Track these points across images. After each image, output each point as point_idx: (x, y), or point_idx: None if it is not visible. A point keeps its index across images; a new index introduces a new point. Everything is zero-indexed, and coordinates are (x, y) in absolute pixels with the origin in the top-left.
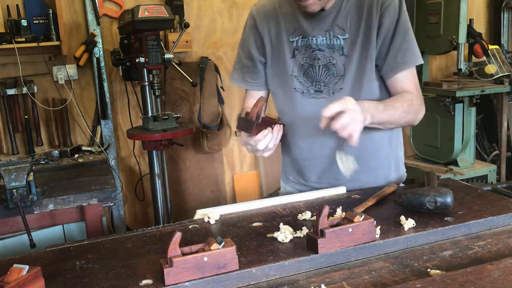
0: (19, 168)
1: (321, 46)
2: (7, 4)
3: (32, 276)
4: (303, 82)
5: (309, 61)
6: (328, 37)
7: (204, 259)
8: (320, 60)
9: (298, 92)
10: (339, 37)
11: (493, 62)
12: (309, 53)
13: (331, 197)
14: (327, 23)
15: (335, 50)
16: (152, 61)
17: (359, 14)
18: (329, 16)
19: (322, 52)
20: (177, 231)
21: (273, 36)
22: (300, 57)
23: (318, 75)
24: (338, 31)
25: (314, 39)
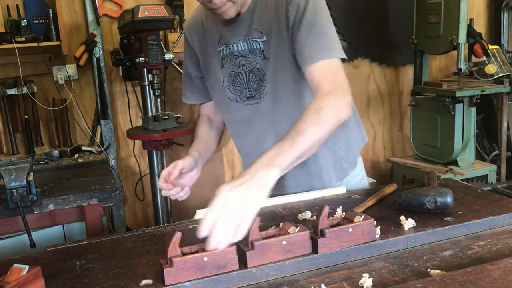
0: (19, 168)
1: (242, 52)
2: (7, 4)
3: (32, 276)
4: (234, 91)
5: (235, 69)
6: (248, 42)
7: (204, 259)
8: (245, 66)
9: (233, 101)
10: (258, 40)
11: (493, 62)
12: (234, 61)
13: (331, 197)
14: (244, 28)
15: (256, 54)
16: (152, 61)
17: (270, 14)
18: (246, 20)
19: (246, 57)
20: (177, 231)
21: (202, 49)
22: (227, 66)
23: (246, 82)
24: (256, 34)
25: (235, 45)
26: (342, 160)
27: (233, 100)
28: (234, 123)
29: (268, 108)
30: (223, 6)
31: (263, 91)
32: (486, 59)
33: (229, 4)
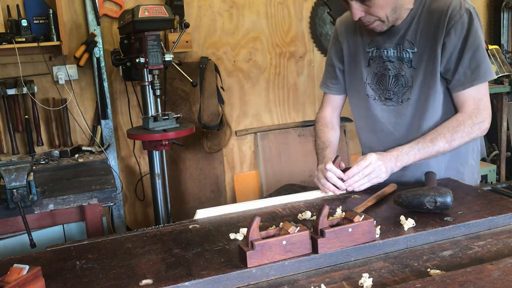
0: (19, 168)
1: (391, 58)
2: (7, 4)
3: (32, 276)
4: (375, 89)
5: (381, 71)
6: (398, 50)
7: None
8: (391, 70)
9: (371, 98)
10: (408, 50)
11: (493, 62)
12: (381, 64)
13: (331, 197)
14: (397, 37)
15: (404, 62)
16: (152, 61)
17: (428, 30)
18: (400, 31)
19: (392, 63)
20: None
21: (351, 46)
22: (374, 66)
23: (388, 84)
24: (407, 45)
25: (385, 51)
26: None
27: (371, 97)
28: (366, 118)
29: (404, 113)
30: (371, 24)
31: (402, 97)
32: None
33: (378, 22)
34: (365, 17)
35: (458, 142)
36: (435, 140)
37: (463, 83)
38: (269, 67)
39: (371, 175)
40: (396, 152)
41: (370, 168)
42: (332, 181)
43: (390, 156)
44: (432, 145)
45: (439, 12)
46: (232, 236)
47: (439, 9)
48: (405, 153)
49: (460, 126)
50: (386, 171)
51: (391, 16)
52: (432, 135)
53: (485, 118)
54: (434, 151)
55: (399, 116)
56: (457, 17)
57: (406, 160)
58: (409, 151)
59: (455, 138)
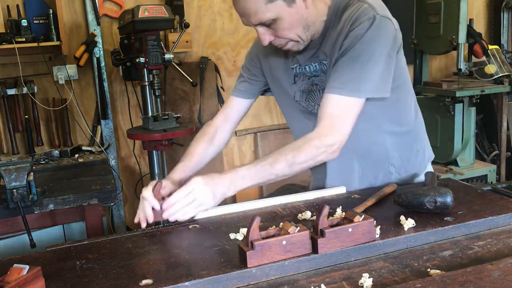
0: (19, 168)
1: (315, 72)
2: (7, 4)
3: (32, 276)
4: (306, 106)
5: (308, 87)
6: (318, 63)
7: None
8: (318, 85)
9: (305, 112)
10: (323, 62)
11: (493, 62)
12: (307, 80)
13: (331, 197)
14: (314, 50)
15: (326, 73)
16: (152, 61)
17: (336, 38)
18: (316, 44)
19: (318, 77)
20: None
21: (273, 65)
22: (300, 83)
23: (318, 99)
24: (322, 56)
25: (307, 67)
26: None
27: (305, 112)
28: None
29: None
30: (284, 46)
31: None
32: (486, 59)
33: (291, 43)
34: (275, 40)
35: (300, 166)
36: (274, 163)
37: (330, 86)
38: None
39: (195, 203)
40: (231, 175)
41: (193, 195)
42: (144, 211)
43: (222, 180)
44: (271, 168)
45: (347, 18)
46: (232, 236)
47: (347, 15)
48: (240, 177)
49: (304, 147)
50: (214, 197)
51: (304, 34)
52: (273, 156)
53: (336, 141)
54: (273, 175)
55: None
56: (357, 24)
57: (241, 184)
58: (246, 174)
59: (296, 161)
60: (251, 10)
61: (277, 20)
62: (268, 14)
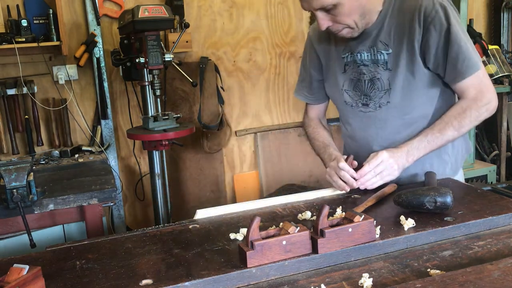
0: (19, 168)
1: (365, 61)
2: (7, 4)
3: (32, 276)
4: (352, 96)
5: (357, 76)
6: (372, 53)
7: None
8: (366, 74)
9: (348, 105)
10: (383, 52)
11: (493, 62)
12: (356, 68)
13: (331, 197)
14: (370, 39)
15: (379, 64)
16: (152, 61)
17: (402, 29)
18: (372, 33)
19: (367, 67)
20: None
21: (326, 53)
22: (350, 72)
23: (365, 89)
24: (381, 46)
25: (359, 55)
26: (447, 166)
27: (348, 104)
28: (347, 124)
29: (384, 119)
30: (339, 32)
31: (379, 101)
32: (486, 59)
33: (347, 30)
34: (333, 26)
35: (467, 128)
36: (443, 130)
37: (456, 76)
38: (269, 67)
39: (383, 173)
40: (407, 148)
41: (382, 166)
42: (345, 179)
43: (401, 153)
44: (441, 135)
45: (412, 11)
46: (232, 236)
47: (411, 7)
48: (415, 148)
49: (466, 112)
50: (398, 168)
51: (360, 22)
52: (439, 125)
53: (491, 98)
54: (444, 141)
55: (379, 121)
56: (433, 14)
57: (417, 154)
58: (419, 144)
59: (463, 124)
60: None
61: (338, 5)
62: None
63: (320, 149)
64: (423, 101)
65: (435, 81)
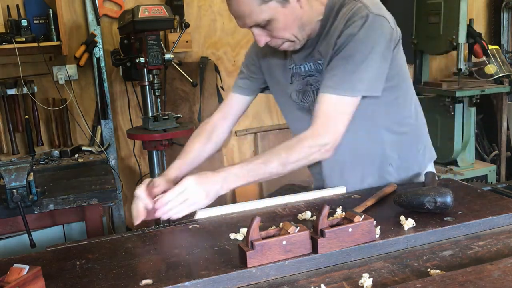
0: (19, 168)
1: (309, 72)
2: (7, 4)
3: (32, 276)
4: (303, 106)
5: (303, 87)
6: (313, 63)
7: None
8: (313, 85)
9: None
10: (319, 62)
11: (493, 62)
12: (301, 80)
13: (331, 197)
14: (309, 50)
15: (321, 74)
16: (152, 61)
17: (331, 37)
18: (313, 43)
19: (313, 77)
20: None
21: (271, 65)
22: (295, 83)
23: (314, 99)
24: (317, 55)
25: (302, 67)
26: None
27: (303, 110)
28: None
29: None
30: (281, 46)
31: None
32: (486, 59)
33: (287, 43)
34: (271, 41)
35: (293, 165)
36: (268, 161)
37: (324, 85)
38: None
39: (188, 201)
40: (224, 174)
41: (185, 195)
42: (137, 209)
43: (215, 178)
44: (264, 167)
45: (341, 18)
46: (232, 236)
47: (342, 15)
48: (234, 174)
49: (298, 146)
50: (207, 196)
51: (300, 34)
52: (267, 155)
53: (329, 140)
54: (267, 174)
55: None
56: (351, 22)
57: (234, 182)
58: (239, 172)
59: (290, 160)
60: (245, 12)
61: (272, 21)
62: (262, 15)
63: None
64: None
65: None
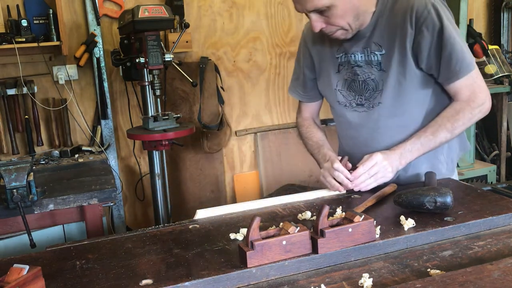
0: (19, 168)
1: (359, 62)
2: (7, 4)
3: (32, 276)
4: (346, 96)
5: (351, 76)
6: (366, 54)
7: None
8: (359, 75)
9: (341, 105)
10: (376, 53)
11: (493, 62)
12: (350, 69)
13: (331, 197)
14: (363, 40)
15: (373, 65)
16: (152, 61)
17: (394, 30)
18: (366, 34)
19: (361, 68)
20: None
21: (320, 53)
22: (344, 72)
23: (359, 90)
24: (374, 47)
25: (352, 56)
26: (443, 166)
27: (342, 104)
28: (341, 123)
29: (376, 118)
30: (333, 34)
31: (373, 101)
32: (486, 59)
33: (341, 31)
34: (327, 28)
35: (460, 130)
36: (436, 132)
37: (450, 77)
38: (269, 67)
39: (378, 175)
40: (400, 150)
41: (376, 168)
42: (339, 179)
43: (394, 155)
44: (434, 138)
45: (403, 12)
46: (232, 236)
47: (402, 8)
48: (408, 150)
49: (459, 114)
50: (392, 171)
51: (354, 23)
52: (432, 127)
53: (484, 100)
54: (437, 143)
55: (372, 122)
56: (425, 14)
57: (410, 157)
58: (412, 147)
59: (456, 126)
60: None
61: (331, 7)
62: (324, 1)
63: (314, 149)
64: (415, 102)
65: (427, 82)
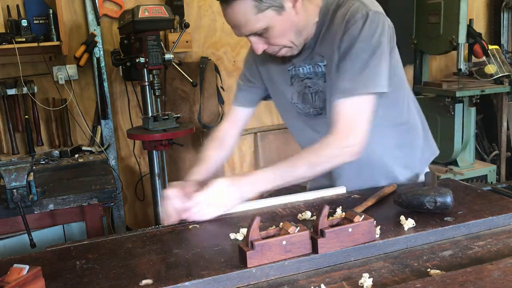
0: (19, 168)
1: (308, 74)
2: (7, 4)
3: (32, 276)
4: (303, 108)
5: (302, 89)
6: (312, 65)
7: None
8: (311, 87)
9: (302, 115)
10: (320, 64)
11: (493, 62)
12: (300, 82)
13: (331, 197)
14: (308, 52)
15: (319, 77)
16: (152, 61)
17: (332, 39)
18: (310, 46)
19: (311, 80)
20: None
21: (271, 67)
22: (296, 85)
23: (313, 102)
24: (318, 58)
25: (301, 68)
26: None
27: (302, 114)
28: (305, 132)
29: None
30: (277, 53)
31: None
32: (486, 59)
33: (285, 49)
34: (269, 48)
35: (322, 168)
36: (296, 165)
37: (335, 93)
38: None
39: (218, 204)
40: (253, 177)
41: (217, 196)
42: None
43: (245, 181)
44: (293, 171)
45: (340, 19)
46: (232, 236)
47: (340, 16)
48: (262, 178)
49: (326, 150)
50: (240, 197)
51: (297, 40)
52: (294, 159)
53: (356, 142)
54: (295, 177)
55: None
56: (352, 22)
57: (263, 186)
58: (267, 176)
59: (319, 163)
60: (242, 22)
61: (269, 29)
62: (259, 24)
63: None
64: None
65: None
